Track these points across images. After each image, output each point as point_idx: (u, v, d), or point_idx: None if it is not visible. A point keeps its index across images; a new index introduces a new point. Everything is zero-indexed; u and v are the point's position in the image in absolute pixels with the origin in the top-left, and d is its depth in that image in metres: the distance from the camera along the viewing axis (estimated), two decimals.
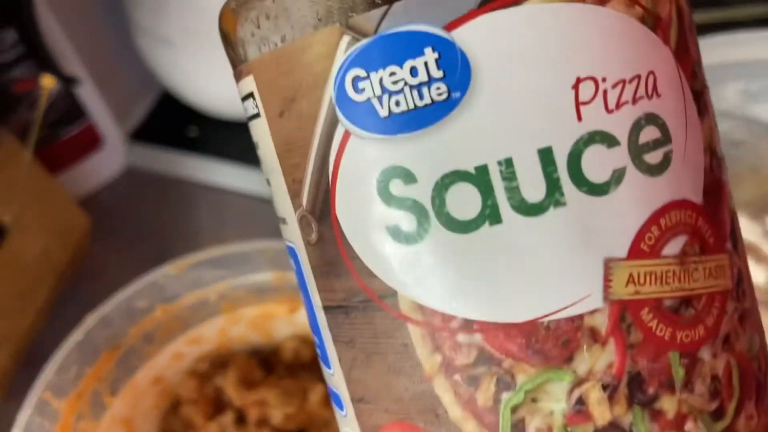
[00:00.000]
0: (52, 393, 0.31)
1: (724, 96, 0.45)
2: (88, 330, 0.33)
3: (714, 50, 0.43)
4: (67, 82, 0.45)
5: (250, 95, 0.17)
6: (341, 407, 0.18)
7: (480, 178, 0.15)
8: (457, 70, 0.15)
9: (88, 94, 0.49)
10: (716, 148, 0.18)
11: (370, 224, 0.16)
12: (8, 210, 0.40)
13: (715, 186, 0.18)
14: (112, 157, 0.53)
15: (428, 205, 0.16)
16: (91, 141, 0.50)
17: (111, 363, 0.34)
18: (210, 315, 0.37)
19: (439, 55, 0.15)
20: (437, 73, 0.15)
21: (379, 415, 0.17)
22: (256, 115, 0.18)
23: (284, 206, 0.18)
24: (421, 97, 0.15)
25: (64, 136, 0.48)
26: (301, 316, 0.38)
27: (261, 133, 0.18)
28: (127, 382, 0.35)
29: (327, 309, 0.17)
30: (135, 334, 0.35)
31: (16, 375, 0.43)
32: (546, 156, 0.15)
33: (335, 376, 0.18)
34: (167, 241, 0.34)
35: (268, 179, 0.18)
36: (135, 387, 0.35)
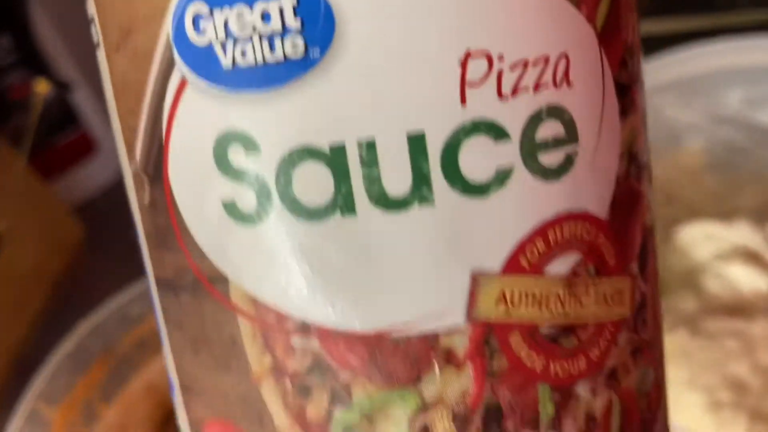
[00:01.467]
0: (44, 402, 0.31)
1: (725, 102, 0.42)
2: (81, 338, 0.32)
3: (716, 56, 0.41)
4: (61, 87, 0.45)
5: (92, 19, 0.15)
6: (173, 391, 0.16)
7: (335, 159, 0.13)
8: (318, 23, 0.12)
9: (83, 100, 0.49)
10: (638, 153, 0.15)
11: (204, 195, 0.14)
12: (2, 219, 0.40)
13: (627, 197, 0.15)
14: (106, 163, 0.52)
15: (271, 183, 0.13)
16: (85, 147, 0.50)
17: (104, 371, 0.33)
18: None
19: (298, 1, 0.12)
20: (294, 23, 0.12)
21: (203, 410, 0.15)
22: (97, 44, 0.15)
23: (121, 157, 0.15)
24: (272, 49, 0.13)
25: (57, 143, 0.48)
26: None
27: (102, 67, 0.15)
28: (120, 391, 0.34)
29: (158, 283, 0.15)
30: (128, 341, 0.34)
31: (7, 385, 0.42)
32: (416, 143, 0.13)
33: (167, 359, 0.16)
34: None
35: (111, 121, 0.16)
36: (128, 396, 0.34)
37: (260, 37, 0.13)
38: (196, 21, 0.13)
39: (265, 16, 0.12)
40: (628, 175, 0.15)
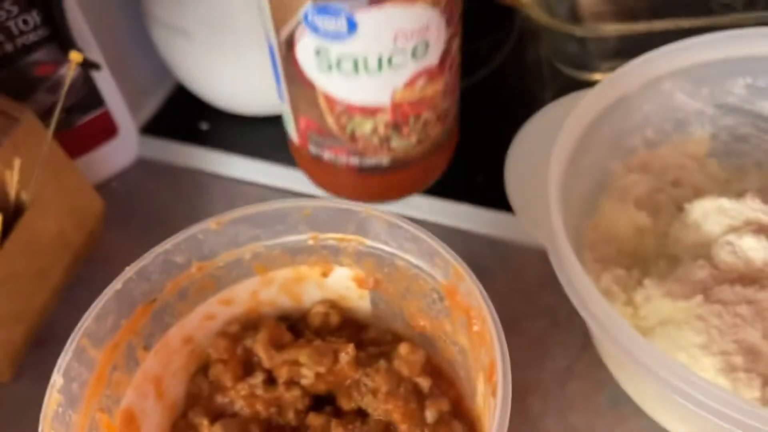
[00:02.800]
0: (89, 341, 0.31)
1: (730, 90, 0.44)
2: (127, 280, 0.32)
3: (720, 45, 0.42)
4: (89, 66, 0.46)
5: None
6: None
7: None
8: None
9: (105, 82, 0.49)
10: None
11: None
12: (27, 188, 0.40)
13: None
14: (125, 146, 0.53)
15: None
16: (106, 129, 0.51)
17: (146, 317, 0.33)
18: (243, 276, 0.36)
19: None
20: None
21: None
22: None
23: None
24: None
25: (79, 122, 0.49)
26: (332, 281, 0.37)
27: None
28: (160, 339, 0.34)
29: None
30: (171, 289, 0.34)
31: (26, 354, 0.43)
32: None
33: None
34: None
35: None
36: (167, 345, 0.35)
37: None
38: None
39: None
40: None
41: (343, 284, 0.37)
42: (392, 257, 0.34)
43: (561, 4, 0.64)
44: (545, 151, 0.39)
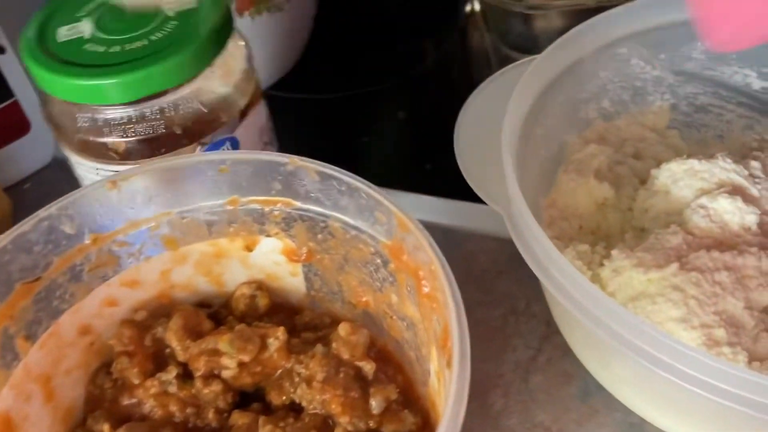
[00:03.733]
0: None
1: (689, 56, 0.41)
2: (2, 253, 0.25)
3: (677, 6, 0.40)
4: None
5: None
6: None
7: None
8: None
9: (12, 69, 0.45)
10: None
11: None
12: None
13: None
14: (39, 144, 0.49)
15: None
16: (15, 124, 0.47)
17: (27, 299, 0.27)
18: (150, 251, 0.30)
19: None
20: None
21: None
22: None
23: None
24: None
25: None
26: (258, 256, 0.32)
27: None
28: (47, 328, 0.28)
29: None
30: (59, 266, 0.28)
31: None
32: None
33: None
34: None
35: None
36: (57, 336, 0.29)
37: None
38: None
39: None
40: None
41: (270, 259, 0.32)
42: (326, 219, 0.29)
43: None
44: (495, 118, 0.35)
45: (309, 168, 0.28)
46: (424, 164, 0.49)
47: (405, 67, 0.58)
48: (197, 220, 0.30)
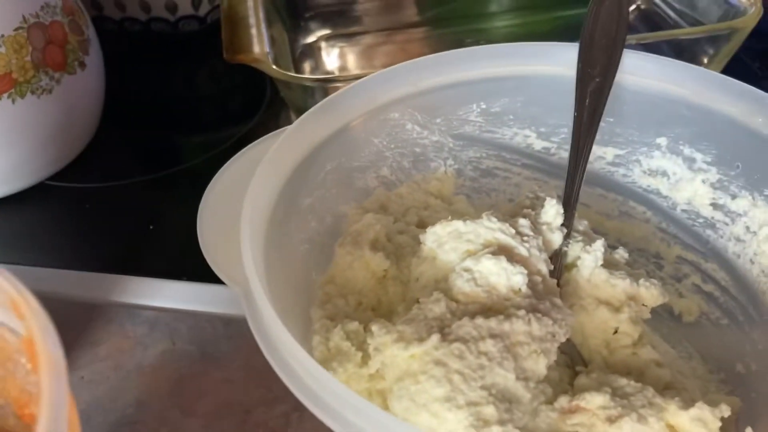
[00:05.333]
0: None
1: (466, 119, 0.40)
2: None
3: (449, 68, 0.38)
4: None
5: None
6: None
7: None
8: None
9: None
10: None
11: None
12: None
13: None
14: None
15: None
16: None
17: None
18: None
19: None
20: None
21: None
22: None
23: None
24: None
25: None
26: None
27: None
28: None
29: None
30: None
31: None
32: None
33: None
34: None
35: None
36: None
37: None
38: None
39: None
40: None
41: None
42: None
43: (306, 59, 0.60)
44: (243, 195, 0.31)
45: None
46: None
47: (202, 151, 0.55)
48: None
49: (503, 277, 0.31)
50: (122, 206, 0.50)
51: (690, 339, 0.37)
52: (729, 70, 0.52)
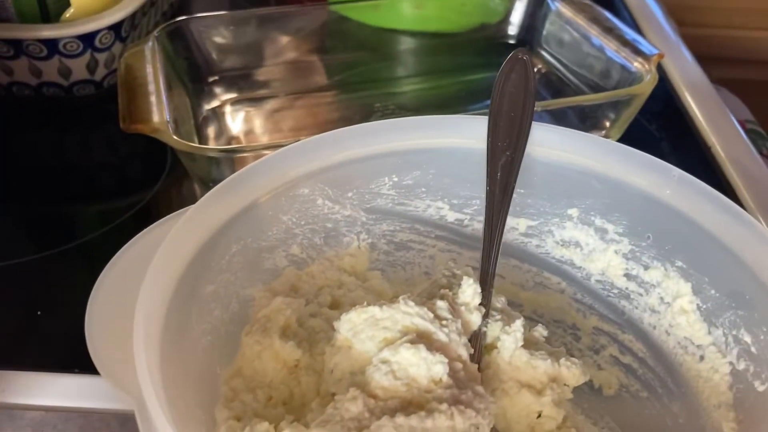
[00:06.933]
0: None
1: (378, 192, 0.39)
2: None
3: (360, 141, 0.37)
4: None
5: None
6: None
7: None
8: None
9: None
10: None
11: None
12: None
13: None
14: None
15: None
16: None
17: None
18: None
19: None
20: None
21: None
22: None
23: None
24: None
25: None
26: None
27: None
28: None
29: None
30: None
31: None
32: None
33: None
34: None
35: None
36: None
37: None
38: None
39: None
40: None
41: None
42: None
43: (210, 124, 0.57)
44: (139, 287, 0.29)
45: None
46: None
47: (100, 223, 0.51)
48: None
49: (423, 368, 0.29)
50: (6, 291, 0.46)
51: (612, 413, 0.36)
52: (629, 132, 0.54)
